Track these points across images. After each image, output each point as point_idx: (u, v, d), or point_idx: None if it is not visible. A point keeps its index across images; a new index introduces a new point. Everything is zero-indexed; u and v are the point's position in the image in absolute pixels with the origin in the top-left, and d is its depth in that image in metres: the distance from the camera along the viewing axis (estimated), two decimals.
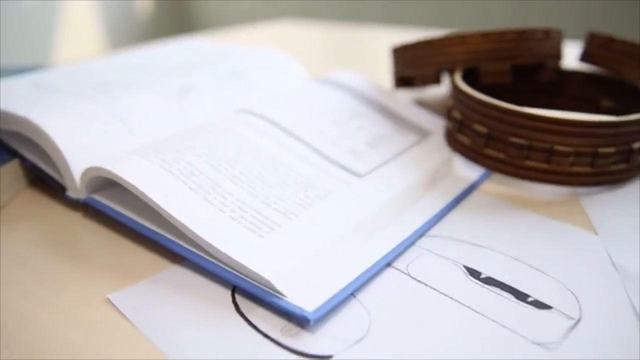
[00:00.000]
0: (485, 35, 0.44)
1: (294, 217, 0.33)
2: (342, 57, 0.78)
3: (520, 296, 0.29)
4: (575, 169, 0.37)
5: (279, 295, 0.28)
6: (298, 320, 0.28)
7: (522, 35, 0.44)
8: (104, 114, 0.40)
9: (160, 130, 0.41)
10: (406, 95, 0.55)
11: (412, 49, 0.47)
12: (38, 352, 0.26)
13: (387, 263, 0.32)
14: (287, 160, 0.38)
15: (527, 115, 0.37)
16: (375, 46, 0.83)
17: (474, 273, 0.31)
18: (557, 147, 0.37)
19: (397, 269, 0.32)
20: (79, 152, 0.37)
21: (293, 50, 0.79)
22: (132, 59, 0.52)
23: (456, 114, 0.41)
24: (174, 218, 0.31)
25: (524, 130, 0.37)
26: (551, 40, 0.45)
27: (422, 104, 0.52)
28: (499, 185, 0.40)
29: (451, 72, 0.44)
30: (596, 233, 0.34)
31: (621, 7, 1.57)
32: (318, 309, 0.28)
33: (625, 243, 0.33)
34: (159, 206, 0.32)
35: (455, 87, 0.41)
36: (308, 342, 0.27)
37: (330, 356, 0.26)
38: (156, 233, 0.33)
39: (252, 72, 0.50)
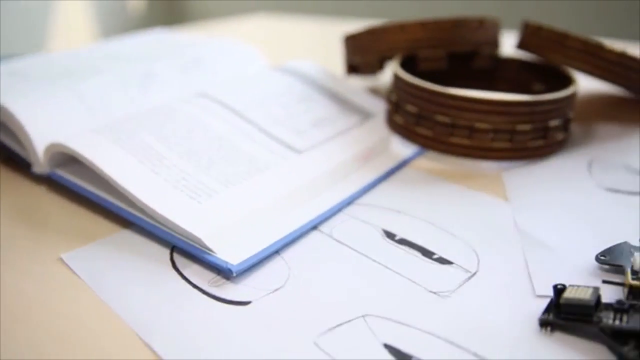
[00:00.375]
0: (423, 25, 0.47)
1: (231, 186, 0.36)
2: (319, 49, 0.81)
3: (427, 254, 0.33)
4: (496, 144, 0.41)
5: (208, 252, 0.32)
6: (223, 272, 0.31)
7: (457, 24, 0.47)
8: (67, 96, 0.43)
9: (119, 111, 0.44)
10: (360, 83, 0.59)
11: (357, 37, 0.50)
12: None
13: (314, 226, 0.35)
14: (233, 138, 0.41)
15: (450, 95, 0.40)
16: None
17: (390, 235, 0.34)
18: (478, 125, 0.40)
19: (322, 232, 0.35)
20: (43, 131, 0.41)
21: (272, 42, 0.82)
22: (102, 48, 0.56)
23: (393, 97, 0.45)
24: (122, 187, 0.35)
25: (448, 109, 0.41)
26: (486, 30, 0.49)
27: (373, 90, 0.56)
28: (429, 161, 0.43)
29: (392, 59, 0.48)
30: (507, 201, 0.38)
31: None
32: (241, 263, 0.31)
33: (530, 210, 0.37)
34: (109, 177, 0.35)
35: (392, 72, 0.45)
36: (231, 291, 0.30)
37: (248, 302, 0.29)
38: (107, 201, 0.36)
39: (212, 61, 0.53)
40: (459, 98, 0.40)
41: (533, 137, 0.41)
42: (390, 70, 0.46)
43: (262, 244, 0.33)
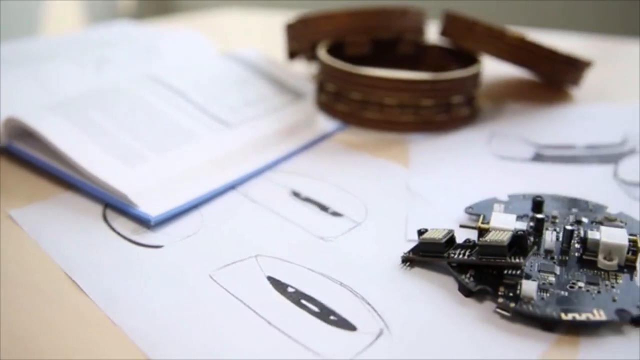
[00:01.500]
0: (350, 14, 0.52)
1: (163, 153, 0.41)
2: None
3: (324, 209, 0.37)
4: (403, 118, 0.45)
5: (133, 206, 0.36)
6: (144, 222, 0.36)
7: (380, 13, 0.52)
8: (25, 76, 0.48)
9: (73, 90, 0.49)
10: (300, 68, 0.63)
11: (293, 26, 0.55)
12: None
13: (232, 187, 0.40)
14: (171, 114, 0.46)
15: (361, 75, 0.45)
16: None
17: (296, 194, 0.39)
18: (386, 100, 0.45)
19: (239, 192, 0.40)
20: (1, 107, 0.45)
21: (241, 33, 0.86)
22: (65, 37, 0.60)
23: (319, 78, 0.49)
24: (66, 155, 0.39)
25: (360, 87, 0.45)
26: (409, 18, 0.53)
27: (310, 74, 0.60)
28: (348, 135, 0.48)
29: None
30: (407, 167, 0.42)
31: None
32: (159, 215, 0.36)
33: (424, 174, 0.41)
34: (57, 147, 0.40)
35: (318, 57, 0.49)
36: (149, 237, 0.35)
37: (161, 246, 0.34)
38: (54, 167, 0.41)
39: (164, 49, 0.58)
40: (369, 77, 0.45)
41: (437, 112, 0.46)
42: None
43: (181, 200, 0.37)
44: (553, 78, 0.53)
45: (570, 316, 0.27)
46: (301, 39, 0.54)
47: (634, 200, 0.37)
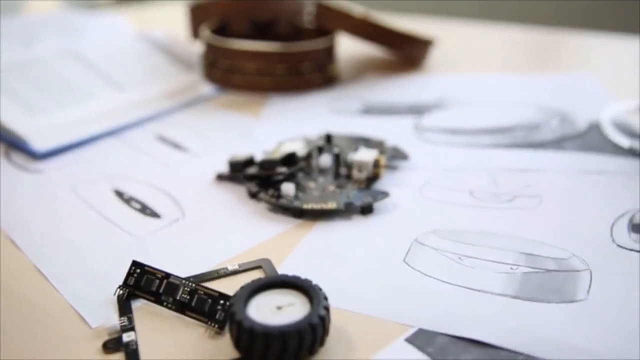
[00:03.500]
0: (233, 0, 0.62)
1: (60, 108, 0.51)
2: None
3: (179, 147, 0.47)
4: (262, 81, 0.55)
5: (28, 143, 0.46)
6: (34, 155, 0.46)
7: None
8: None
9: (2, 61, 0.59)
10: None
11: (190, 10, 0.65)
12: None
13: (113, 134, 0.50)
14: (76, 79, 0.56)
15: (227, 47, 0.55)
16: None
17: (162, 139, 0.49)
18: (247, 67, 0.55)
19: (118, 138, 0.50)
20: None
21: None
22: (17, 20, 0.70)
23: (202, 51, 0.59)
24: None
25: (228, 57, 0.55)
26: (287, 2, 0.63)
27: None
28: (222, 97, 0.58)
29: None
30: (257, 119, 0.52)
31: None
32: (47, 150, 0.46)
33: (268, 124, 0.51)
34: None
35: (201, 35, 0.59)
36: (37, 166, 0.45)
37: (41, 170, 0.44)
38: None
39: (86, 29, 0.68)
40: (232, 49, 0.55)
41: (289, 77, 0.56)
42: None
43: (67, 140, 0.47)
44: (402, 54, 0.63)
45: (309, 206, 0.37)
46: (196, 21, 0.64)
47: (422, 140, 0.47)
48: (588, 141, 0.46)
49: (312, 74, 0.57)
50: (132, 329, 0.28)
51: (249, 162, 0.41)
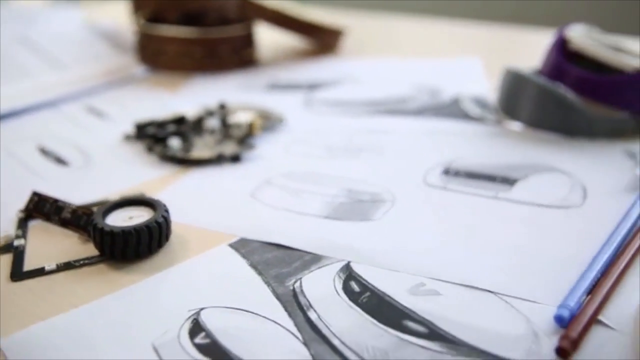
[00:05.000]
0: None
1: (8, 83, 0.59)
2: None
3: (100, 115, 0.55)
4: (184, 62, 0.63)
5: None
6: None
7: None
8: None
9: None
10: None
11: (133, 3, 0.73)
12: None
13: (52, 105, 0.58)
14: (25, 62, 0.64)
15: (153, 34, 0.63)
16: None
17: (93, 110, 0.57)
18: (171, 50, 0.63)
19: (52, 108, 0.58)
20: None
21: None
22: None
23: (136, 37, 0.67)
24: None
25: (155, 41, 0.63)
26: None
27: None
28: (153, 76, 0.66)
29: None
30: (174, 95, 0.60)
31: None
32: None
33: (186, 97, 0.59)
34: None
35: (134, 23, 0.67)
36: None
37: None
38: None
39: (40, 18, 0.76)
40: (158, 35, 0.63)
41: (206, 59, 0.64)
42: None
43: (7, 109, 0.55)
44: (317, 41, 0.71)
45: (188, 155, 0.45)
46: (136, 12, 0.72)
47: (308, 111, 0.55)
48: (446, 111, 0.54)
49: (229, 57, 0.65)
50: (23, 237, 0.36)
51: (151, 124, 0.49)
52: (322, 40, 0.72)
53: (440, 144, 0.48)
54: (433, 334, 0.28)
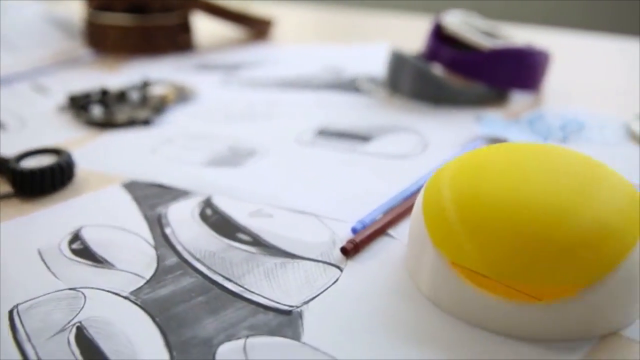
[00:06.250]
0: None
1: None
2: None
3: (46, 93, 0.63)
4: (123, 46, 0.71)
5: None
6: None
7: None
8: None
9: None
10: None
11: None
12: None
13: (6, 82, 0.66)
14: None
15: (98, 22, 0.70)
16: None
17: (40, 89, 0.65)
18: (111, 34, 0.70)
19: (3, 86, 0.65)
20: None
21: None
22: None
23: (84, 24, 0.75)
24: None
25: (99, 28, 0.71)
26: None
27: None
28: (96, 59, 0.73)
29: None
30: (111, 74, 0.68)
31: None
32: None
33: (120, 77, 0.67)
34: None
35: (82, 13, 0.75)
36: None
37: None
38: None
39: (4, 14, 0.84)
40: (102, 23, 0.70)
41: (144, 44, 0.71)
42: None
43: None
44: (250, 30, 0.79)
45: (105, 120, 0.52)
46: (88, 3, 0.80)
47: (223, 88, 0.63)
48: (342, 86, 0.62)
49: (164, 42, 0.73)
50: None
51: (81, 96, 0.57)
52: (253, 28, 0.79)
53: (326, 112, 0.56)
54: (256, 241, 0.35)
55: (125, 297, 0.31)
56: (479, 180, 0.30)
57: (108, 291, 0.31)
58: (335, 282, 0.32)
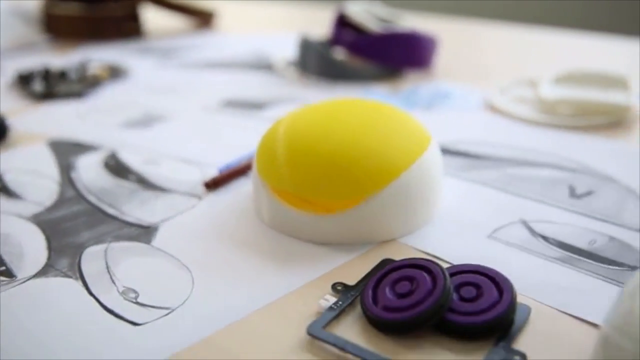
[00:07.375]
0: None
1: None
2: None
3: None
4: (75, 33, 0.79)
5: None
6: None
7: None
8: None
9: None
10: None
11: None
12: None
13: None
14: None
15: (52, 12, 0.79)
16: None
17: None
18: (63, 23, 0.79)
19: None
20: None
21: None
22: None
23: (41, 13, 0.83)
24: None
25: (53, 17, 0.79)
26: None
27: None
28: (51, 45, 0.81)
29: None
30: (63, 57, 0.76)
31: None
32: None
33: (75, 60, 0.75)
34: None
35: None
36: None
37: None
38: None
39: None
40: (54, 13, 0.78)
41: (94, 32, 0.80)
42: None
43: None
44: (196, 20, 0.87)
45: (44, 91, 0.60)
46: None
47: (164, 69, 0.71)
48: (259, 67, 0.70)
49: (112, 29, 0.81)
50: None
51: (27, 74, 0.65)
52: (198, 19, 0.88)
53: (239, 88, 0.64)
54: (140, 180, 0.44)
55: (27, 219, 0.39)
56: (306, 123, 0.38)
57: (14, 215, 0.40)
58: (192, 207, 0.40)
